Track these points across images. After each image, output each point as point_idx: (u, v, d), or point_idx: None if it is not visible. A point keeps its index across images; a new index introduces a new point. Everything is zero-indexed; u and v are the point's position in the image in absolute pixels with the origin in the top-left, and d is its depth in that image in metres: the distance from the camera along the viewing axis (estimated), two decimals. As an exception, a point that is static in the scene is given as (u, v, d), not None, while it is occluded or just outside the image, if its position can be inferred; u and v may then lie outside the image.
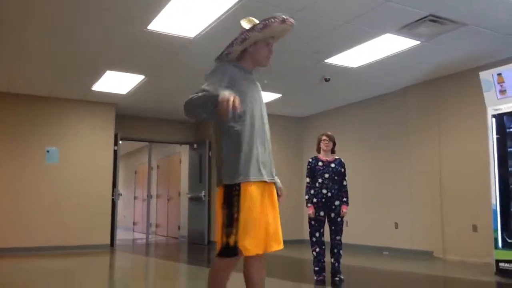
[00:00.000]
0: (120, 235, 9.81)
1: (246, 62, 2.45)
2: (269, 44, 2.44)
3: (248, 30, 2.32)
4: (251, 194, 2.21)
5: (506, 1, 4.50)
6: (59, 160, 8.28)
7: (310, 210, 4.77)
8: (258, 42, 2.40)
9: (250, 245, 2.18)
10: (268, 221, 2.31)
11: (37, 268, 6.31)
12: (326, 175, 4.80)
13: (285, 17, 2.34)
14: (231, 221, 2.18)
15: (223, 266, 2.24)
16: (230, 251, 2.16)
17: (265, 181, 2.30)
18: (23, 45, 5.74)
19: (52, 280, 5.29)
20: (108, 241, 8.55)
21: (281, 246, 2.36)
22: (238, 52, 2.41)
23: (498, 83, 5.25)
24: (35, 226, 7.86)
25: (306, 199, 4.87)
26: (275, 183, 2.43)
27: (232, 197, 2.20)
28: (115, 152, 8.91)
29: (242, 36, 2.32)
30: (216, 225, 2.28)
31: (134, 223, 14.56)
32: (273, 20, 2.30)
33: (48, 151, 8.21)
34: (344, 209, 4.80)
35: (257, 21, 2.35)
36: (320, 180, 4.80)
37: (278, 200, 2.47)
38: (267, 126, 2.45)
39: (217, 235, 2.25)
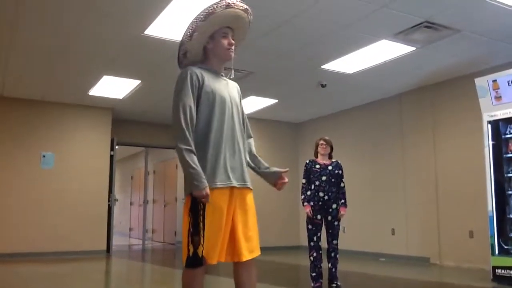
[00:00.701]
0: (116, 240, 9.76)
1: (210, 62, 2.36)
2: (227, 35, 2.34)
3: (191, 23, 2.26)
4: (214, 201, 2.14)
5: (499, 7, 4.53)
6: (55, 164, 8.25)
7: (307, 209, 4.75)
8: (215, 36, 2.32)
9: (212, 252, 2.13)
10: (237, 228, 2.22)
11: (32, 273, 6.27)
12: (324, 178, 4.80)
13: (230, 2, 2.26)
14: (196, 229, 2.11)
15: (193, 276, 2.17)
16: (198, 261, 2.11)
17: (234, 186, 2.23)
18: (20, 49, 5.73)
19: (48, 285, 5.25)
20: (104, 247, 8.50)
21: (255, 254, 2.26)
22: (197, 50, 2.33)
23: (494, 89, 5.27)
24: (30, 231, 7.81)
25: (302, 199, 4.86)
26: (249, 188, 2.33)
27: (197, 204, 2.13)
28: (112, 157, 8.88)
29: (189, 30, 2.27)
30: (182, 235, 2.20)
31: (130, 229, 14.50)
32: (215, 6, 2.23)
33: (44, 156, 8.17)
34: (342, 211, 4.80)
35: None
36: (317, 183, 4.79)
37: (283, 181, 2.50)
38: (239, 127, 2.34)
39: (183, 245, 2.17)
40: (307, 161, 4.97)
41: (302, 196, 4.86)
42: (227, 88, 2.38)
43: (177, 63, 2.40)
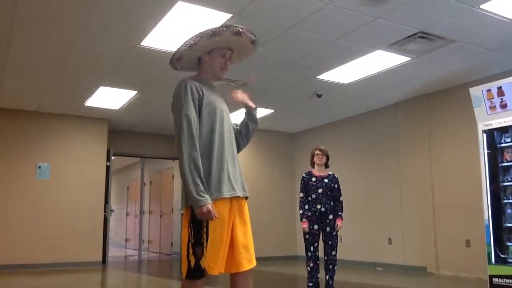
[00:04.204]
0: (112, 252, 9.69)
1: (204, 74, 2.37)
2: (225, 55, 2.35)
3: (196, 35, 2.25)
4: (219, 212, 2.11)
5: (494, 18, 4.58)
6: (51, 175, 8.22)
7: (304, 225, 4.76)
8: (213, 52, 2.32)
9: (214, 263, 2.11)
10: (237, 239, 2.21)
11: (27, 285, 6.21)
12: (320, 190, 4.80)
13: (241, 30, 2.26)
14: (199, 241, 2.09)
15: None
16: (200, 272, 2.09)
17: (238, 196, 2.24)
18: (16, 62, 5.74)
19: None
20: (100, 258, 8.44)
21: (253, 264, 2.26)
22: (191, 58, 2.34)
23: (488, 99, 5.31)
24: (26, 242, 7.74)
25: (300, 214, 4.86)
26: (246, 197, 2.34)
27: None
28: (108, 167, 8.85)
29: (191, 41, 2.26)
30: (181, 245, 2.19)
31: (126, 240, 14.42)
32: (224, 29, 2.23)
33: (39, 167, 8.14)
34: (339, 222, 4.80)
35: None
36: (314, 196, 4.80)
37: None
38: (234, 138, 2.38)
39: (182, 256, 2.15)
40: (304, 175, 4.97)
41: (301, 211, 4.86)
42: (222, 99, 2.39)
43: (169, 64, 2.41)
